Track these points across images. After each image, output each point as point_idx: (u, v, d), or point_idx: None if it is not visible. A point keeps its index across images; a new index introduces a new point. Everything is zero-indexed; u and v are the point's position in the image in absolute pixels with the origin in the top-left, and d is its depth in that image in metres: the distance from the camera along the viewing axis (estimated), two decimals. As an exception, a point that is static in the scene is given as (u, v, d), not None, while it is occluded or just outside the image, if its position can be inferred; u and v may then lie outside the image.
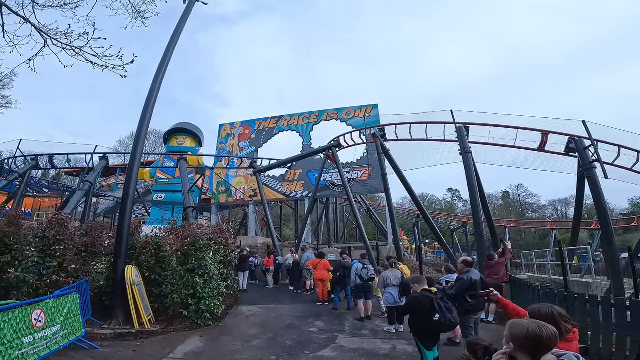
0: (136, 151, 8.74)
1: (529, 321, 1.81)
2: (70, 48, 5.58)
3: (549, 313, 2.40)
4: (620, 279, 9.66)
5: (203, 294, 7.74)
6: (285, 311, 9.59)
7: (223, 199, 26.55)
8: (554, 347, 1.74)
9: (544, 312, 2.41)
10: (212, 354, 6.13)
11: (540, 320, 2.10)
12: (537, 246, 34.80)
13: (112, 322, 7.33)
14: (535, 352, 1.72)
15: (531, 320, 1.82)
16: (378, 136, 15.60)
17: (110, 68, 5.82)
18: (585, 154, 11.10)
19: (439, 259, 28.34)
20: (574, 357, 1.66)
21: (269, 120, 26.78)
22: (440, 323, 4.59)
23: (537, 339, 1.71)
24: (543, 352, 1.71)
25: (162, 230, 9.43)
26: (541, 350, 1.72)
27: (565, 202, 52.53)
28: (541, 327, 1.74)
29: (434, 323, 4.61)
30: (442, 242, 15.71)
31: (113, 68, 5.82)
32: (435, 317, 4.59)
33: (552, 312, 2.42)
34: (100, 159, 18.94)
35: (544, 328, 1.73)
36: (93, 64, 5.77)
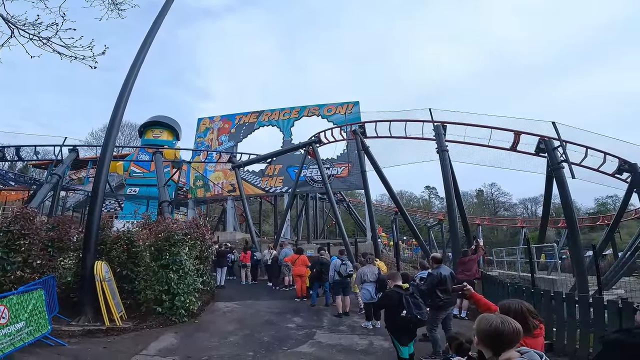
0: (108, 142, 8.41)
1: (495, 316, 1.83)
2: (38, 38, 5.41)
3: (518, 308, 2.46)
4: (585, 277, 10.12)
5: (178, 290, 7.58)
6: (263, 307, 9.54)
7: (200, 193, 26.02)
8: (515, 343, 1.74)
9: (513, 307, 2.48)
10: (187, 351, 6.01)
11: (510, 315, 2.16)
12: (508, 243, 36.22)
13: (80, 319, 7.07)
14: (496, 347, 1.74)
15: (497, 316, 1.84)
16: (358, 133, 15.71)
17: (80, 59, 5.66)
18: (554, 154, 11.56)
19: (416, 256, 28.95)
20: (535, 355, 1.65)
21: (250, 114, 26.40)
22: (407, 319, 4.68)
23: (498, 335, 1.72)
24: (504, 348, 1.72)
25: (135, 225, 9.14)
26: (502, 346, 1.72)
27: (535, 201, 54.81)
28: (504, 323, 1.75)
29: (401, 319, 4.70)
30: (419, 238, 16.04)
31: (83, 59, 5.66)
32: (403, 313, 4.68)
33: (521, 307, 2.49)
34: (70, 151, 18.12)
35: (507, 324, 1.74)
36: (61, 55, 5.59)
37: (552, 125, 11.95)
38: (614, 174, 12.93)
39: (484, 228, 39.10)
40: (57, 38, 5.36)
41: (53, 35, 5.35)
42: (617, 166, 12.71)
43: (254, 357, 5.82)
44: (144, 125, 25.93)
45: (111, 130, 8.58)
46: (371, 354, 6.06)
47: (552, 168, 11.69)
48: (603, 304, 5.22)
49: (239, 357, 5.80)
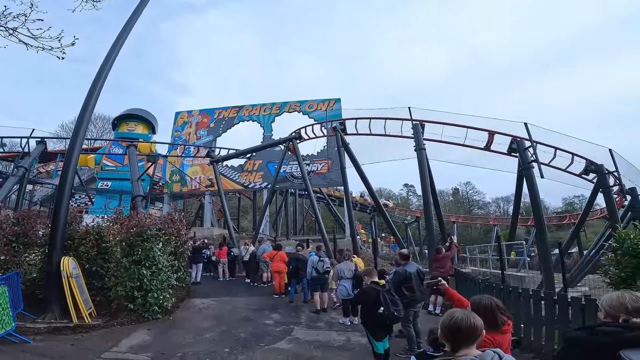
0: (78, 133, 8.06)
1: (459, 312, 1.81)
2: (4, 29, 5.20)
3: (488, 304, 2.51)
4: (551, 274, 10.50)
5: (151, 286, 7.39)
6: (241, 304, 9.43)
7: (177, 188, 25.38)
8: (473, 340, 1.72)
9: (483, 303, 2.52)
10: (161, 347, 5.87)
11: (480, 310, 2.19)
12: (482, 241, 37.36)
13: (46, 316, 6.81)
14: (453, 342, 1.73)
15: (461, 311, 1.82)
16: (339, 130, 15.76)
17: (47, 50, 5.51)
18: (525, 154, 11.99)
19: (394, 252, 29.46)
20: (491, 353, 1.64)
21: (230, 109, 25.94)
22: (384, 315, 4.73)
23: (456, 329, 1.71)
24: (461, 343, 1.70)
25: (106, 220, 8.82)
26: (459, 341, 1.71)
27: (508, 200, 56.70)
28: (464, 318, 1.73)
29: (378, 315, 4.75)
30: (396, 235, 16.34)
31: (50, 49, 5.51)
32: (380, 309, 4.73)
33: (491, 303, 2.53)
34: (38, 143, 17.28)
35: (465, 320, 1.72)
36: (27, 45, 5.41)
37: (524, 125, 12.39)
38: (581, 174, 13.53)
39: (459, 226, 40.24)
40: (25, 29, 5.22)
41: (20, 26, 5.19)
42: (584, 167, 13.28)
43: (231, 353, 5.75)
44: (119, 117, 24.99)
45: (81, 121, 8.21)
46: (348, 350, 6.11)
47: (522, 168, 12.11)
48: (567, 301, 5.32)
49: (215, 353, 5.71)
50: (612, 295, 1.91)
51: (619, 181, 13.44)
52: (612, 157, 13.25)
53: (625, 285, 4.87)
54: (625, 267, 5.08)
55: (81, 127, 8.13)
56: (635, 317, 1.72)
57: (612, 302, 1.85)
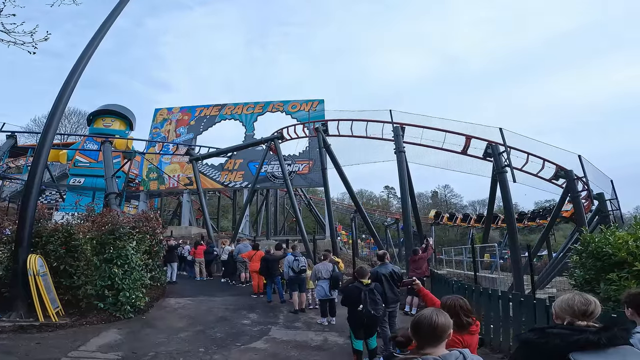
0: (50, 127, 7.76)
1: (428, 310, 1.80)
2: None
3: (451, 304, 2.61)
4: (521, 276, 10.78)
5: (123, 285, 7.20)
6: (217, 303, 9.30)
7: (154, 186, 24.78)
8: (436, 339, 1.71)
9: (448, 303, 2.63)
10: (133, 346, 5.73)
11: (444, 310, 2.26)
12: (458, 243, 38.30)
13: (12, 315, 6.60)
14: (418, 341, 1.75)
15: (430, 310, 1.81)
16: (321, 131, 15.79)
17: (19, 44, 5.43)
18: (499, 158, 12.37)
19: (373, 254, 29.71)
20: (457, 353, 1.65)
21: (211, 107, 25.57)
22: (361, 313, 4.82)
23: (418, 328, 1.72)
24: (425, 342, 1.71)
25: (77, 217, 8.52)
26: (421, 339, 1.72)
27: (483, 203, 58.06)
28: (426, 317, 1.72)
29: (357, 313, 4.84)
30: (375, 237, 16.50)
31: (22, 44, 5.43)
32: (359, 307, 4.82)
33: (454, 303, 2.63)
34: (8, 137, 16.53)
35: (427, 319, 1.72)
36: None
37: (500, 131, 12.80)
38: (551, 179, 14.09)
39: (437, 228, 41.00)
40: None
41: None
42: (554, 172, 13.84)
43: (205, 352, 5.67)
44: (94, 113, 24.17)
45: (54, 115, 7.91)
46: (325, 350, 6.13)
47: (496, 172, 12.48)
48: (533, 302, 5.42)
49: (189, 353, 5.62)
50: (563, 297, 1.93)
51: (587, 186, 14.07)
52: (581, 163, 13.84)
53: (589, 287, 5.07)
54: (589, 269, 5.29)
55: (53, 121, 7.84)
56: (580, 320, 1.75)
57: (561, 304, 1.88)
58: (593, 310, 1.80)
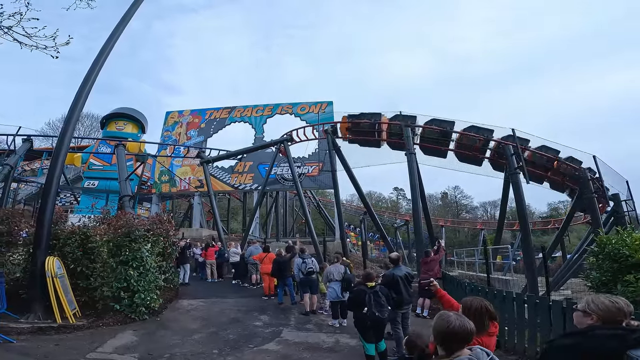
0: (67, 131, 7.95)
1: (453, 316, 1.84)
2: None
3: (478, 306, 2.56)
4: (535, 277, 10.68)
5: (138, 287, 7.30)
6: (229, 305, 9.35)
7: (166, 188, 25.08)
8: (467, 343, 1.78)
9: (474, 305, 2.58)
10: (148, 348, 5.81)
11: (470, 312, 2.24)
12: (469, 245, 37.87)
13: (30, 316, 6.71)
14: (450, 346, 1.77)
15: (456, 316, 1.85)
16: (330, 133, 15.82)
17: (41, 48, 5.47)
18: (512, 159, 12.24)
19: (383, 255, 29.60)
20: (480, 351, 1.70)
21: (221, 110, 25.80)
22: (366, 316, 4.82)
23: (454, 334, 1.75)
24: (458, 347, 1.76)
25: (93, 220, 8.68)
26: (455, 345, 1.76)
27: (494, 205, 57.48)
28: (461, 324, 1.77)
29: (363, 316, 4.84)
30: (386, 239, 16.44)
31: (44, 48, 5.47)
32: (364, 310, 4.82)
33: (481, 306, 2.58)
34: (24, 140, 16.92)
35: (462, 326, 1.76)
36: (21, 44, 5.37)
37: (512, 131, 12.65)
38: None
39: (447, 229, 40.65)
40: (20, 27, 5.18)
41: (15, 24, 5.14)
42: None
43: (219, 354, 5.72)
44: (107, 116, 24.68)
45: (70, 119, 8.13)
46: (337, 352, 6.14)
47: (509, 173, 12.35)
48: (548, 304, 5.37)
49: (203, 354, 5.68)
50: (602, 301, 1.90)
51: (602, 187, 13.80)
52: (596, 163, 13.60)
53: (606, 289, 5.01)
54: (606, 271, 5.24)
55: (69, 126, 8.03)
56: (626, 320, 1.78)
57: (606, 307, 1.84)
58: (632, 310, 1.86)
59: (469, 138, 13.48)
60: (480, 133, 13.36)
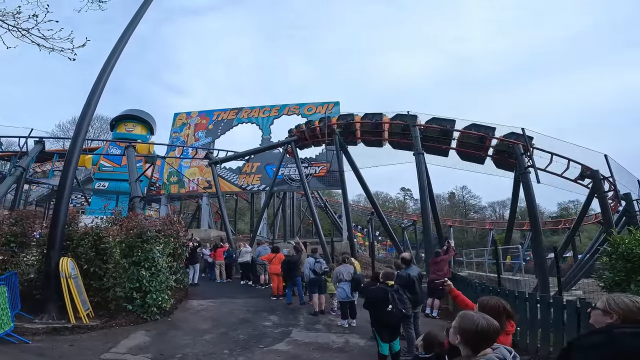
0: (79, 133, 8.08)
1: (478, 316, 1.85)
2: (17, 29, 5.25)
3: (495, 306, 2.54)
4: (546, 277, 10.60)
5: (150, 287, 7.38)
6: (239, 305, 9.41)
7: (175, 189, 25.32)
8: (494, 341, 1.80)
9: (491, 304, 2.56)
10: (160, 349, 5.88)
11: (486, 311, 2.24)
12: (477, 245, 37.53)
13: (44, 317, 6.82)
14: (478, 345, 1.77)
15: (480, 315, 1.86)
16: (337, 133, 15.82)
17: (58, 51, 5.54)
18: (521, 159, 12.12)
19: (390, 256, 29.50)
20: (505, 350, 1.69)
21: (229, 111, 25.98)
22: (392, 313, 4.82)
23: (482, 333, 1.75)
24: (485, 346, 1.77)
25: (105, 221, 8.81)
26: (483, 344, 1.77)
27: (503, 205, 57.05)
28: (489, 323, 1.79)
29: (387, 313, 4.84)
30: (394, 239, 16.39)
31: (61, 51, 5.54)
32: (389, 307, 4.82)
33: (499, 305, 2.56)
34: (36, 143, 17.20)
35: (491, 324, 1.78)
36: (40, 46, 5.45)
37: (522, 131, 12.52)
38: (577, 179, 13.67)
39: (455, 229, 40.34)
40: (37, 30, 5.25)
41: (33, 27, 5.21)
42: (580, 172, 13.43)
43: (230, 354, 5.77)
44: (117, 118, 24.98)
45: (82, 122, 8.26)
46: (347, 352, 6.14)
47: (519, 173, 12.23)
48: (562, 303, 5.37)
49: (214, 355, 5.73)
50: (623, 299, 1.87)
51: (614, 187, 13.60)
52: (608, 162, 13.42)
53: (620, 289, 4.95)
54: (620, 271, 5.17)
55: (81, 130, 8.16)
56: None
57: (627, 307, 1.81)
58: None
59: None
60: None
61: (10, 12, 5.08)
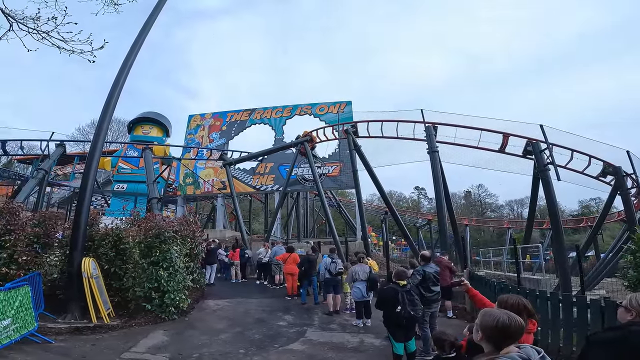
0: (99, 136, 8.30)
1: (500, 312, 1.80)
2: (37, 32, 5.40)
3: (515, 304, 2.48)
4: (568, 277, 10.33)
5: (168, 287, 7.51)
6: (254, 305, 9.50)
7: (190, 190, 25.77)
8: (519, 338, 1.74)
9: (510, 302, 2.50)
10: (178, 348, 5.98)
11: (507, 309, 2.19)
12: (494, 244, 36.79)
13: (67, 316, 6.98)
14: (500, 342, 1.73)
15: (502, 312, 1.81)
16: (350, 132, 15.77)
17: (78, 53, 5.67)
18: (541, 156, 11.82)
19: (405, 255, 29.22)
20: (530, 350, 1.65)
21: (242, 112, 26.25)
22: (400, 314, 4.78)
23: (505, 330, 1.71)
24: (508, 343, 1.72)
25: (124, 222, 9.00)
26: (506, 341, 1.72)
27: (521, 203, 55.74)
28: (511, 319, 1.74)
29: (395, 314, 4.80)
30: (408, 238, 16.20)
31: (81, 53, 5.67)
32: (397, 308, 4.78)
33: (519, 303, 2.50)
34: (57, 146, 17.73)
35: (513, 320, 1.74)
36: (60, 49, 5.59)
37: (540, 127, 12.21)
38: (598, 176, 13.28)
39: (471, 228, 39.63)
40: (56, 32, 5.36)
41: (52, 29, 5.32)
42: (602, 169, 13.04)
43: (246, 354, 5.82)
44: (134, 121, 25.57)
45: (101, 126, 8.45)
46: (362, 352, 6.11)
47: (538, 170, 11.94)
48: (586, 302, 5.26)
49: (230, 354, 5.79)
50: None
51: (637, 183, 13.13)
52: (630, 159, 12.97)
53: (645, 288, 4.80)
54: (644, 269, 5.01)
55: (100, 134, 8.33)
56: None
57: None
58: None
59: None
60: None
61: (31, 16, 5.21)
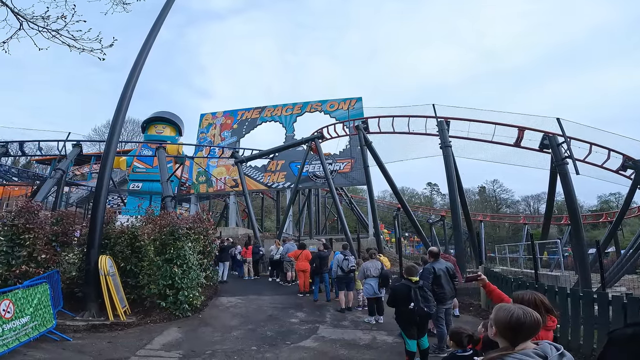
0: (113, 136, 8.42)
1: (515, 307, 1.75)
2: (47, 31, 5.46)
3: (532, 299, 2.42)
4: (588, 273, 10.05)
5: (182, 284, 7.60)
6: (266, 302, 9.56)
7: (203, 189, 26.08)
8: (535, 334, 1.69)
9: (526, 298, 2.44)
10: (192, 345, 6.05)
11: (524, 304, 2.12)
12: (510, 240, 36.04)
13: (84, 314, 7.12)
14: (515, 338, 1.68)
15: (518, 307, 1.76)
16: (361, 128, 15.64)
17: (88, 51, 5.71)
18: (558, 150, 11.49)
19: (418, 252, 28.93)
20: (548, 346, 1.59)
21: (252, 110, 26.38)
22: (414, 311, 4.72)
23: (519, 325, 1.66)
24: (523, 339, 1.67)
25: (139, 220, 9.15)
26: (521, 337, 1.67)
27: (537, 198, 54.46)
28: (526, 314, 1.69)
29: (408, 311, 4.74)
30: (421, 234, 16.01)
31: (91, 51, 5.71)
32: (410, 305, 4.72)
33: (535, 298, 2.45)
34: (74, 146, 18.16)
35: (528, 315, 1.69)
36: (70, 47, 5.65)
37: (557, 121, 11.86)
38: (618, 170, 12.86)
39: (486, 224, 38.97)
40: (66, 30, 5.40)
41: (62, 28, 5.37)
42: (621, 163, 12.65)
43: (258, 351, 5.85)
44: (147, 121, 25.98)
45: (115, 126, 8.58)
46: (374, 349, 6.08)
47: (556, 164, 11.62)
48: (608, 299, 5.15)
49: (242, 351, 5.83)
50: None
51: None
52: (649, 152, 12.48)
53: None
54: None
55: (114, 134, 8.46)
56: None
57: None
58: None
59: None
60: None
61: (40, 15, 5.26)
